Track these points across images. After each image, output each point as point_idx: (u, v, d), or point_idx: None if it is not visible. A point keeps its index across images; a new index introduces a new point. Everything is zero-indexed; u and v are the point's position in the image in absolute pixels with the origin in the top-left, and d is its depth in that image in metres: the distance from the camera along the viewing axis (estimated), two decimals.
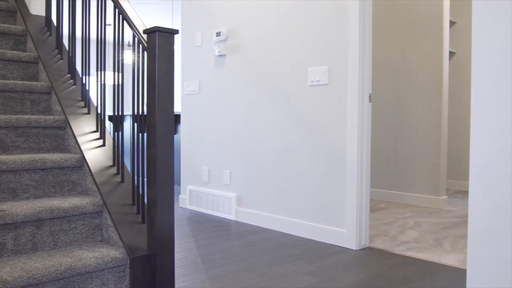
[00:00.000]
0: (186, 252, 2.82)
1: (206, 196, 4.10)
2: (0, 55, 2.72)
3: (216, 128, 4.03)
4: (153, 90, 1.90)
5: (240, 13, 3.78)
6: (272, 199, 3.52)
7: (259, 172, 3.62)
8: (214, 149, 4.05)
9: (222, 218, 3.87)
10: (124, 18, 2.18)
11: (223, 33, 3.88)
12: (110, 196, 2.15)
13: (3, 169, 2.07)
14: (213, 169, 4.05)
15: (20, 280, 1.68)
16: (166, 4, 7.23)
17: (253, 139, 3.68)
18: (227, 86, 3.91)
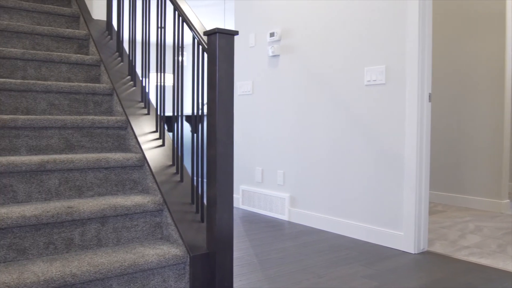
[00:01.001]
0: (242, 251, 2.84)
1: (259, 196, 4.11)
2: (65, 58, 2.84)
3: (270, 129, 4.04)
4: (214, 91, 1.93)
5: (294, 13, 3.77)
6: (326, 200, 3.49)
7: (314, 173, 3.60)
8: (267, 149, 4.06)
9: (275, 218, 3.87)
10: (184, 20, 2.22)
11: (276, 34, 3.89)
12: (170, 194, 2.19)
13: (70, 168, 2.16)
14: (267, 169, 4.06)
15: (87, 274, 1.75)
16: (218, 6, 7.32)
17: (307, 140, 3.66)
18: (281, 86, 3.91)
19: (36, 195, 2.10)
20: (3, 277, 1.64)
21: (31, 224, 1.85)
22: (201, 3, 7.17)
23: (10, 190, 2.03)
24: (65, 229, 1.95)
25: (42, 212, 1.87)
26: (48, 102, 2.57)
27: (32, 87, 2.50)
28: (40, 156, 2.18)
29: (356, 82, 3.26)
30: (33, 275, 1.67)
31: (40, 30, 3.00)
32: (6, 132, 2.23)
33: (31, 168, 2.05)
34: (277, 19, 3.94)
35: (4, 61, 2.67)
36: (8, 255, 1.83)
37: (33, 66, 2.76)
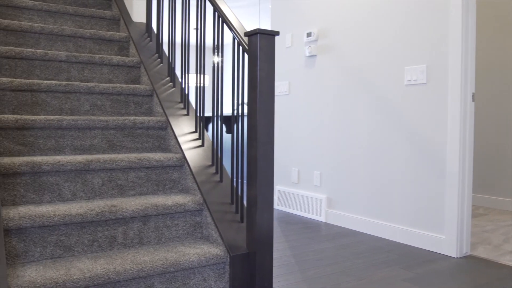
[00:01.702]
0: (279, 252, 2.84)
1: (295, 196, 4.10)
2: (107, 60, 2.90)
3: (306, 129, 4.01)
4: (255, 91, 1.93)
5: (332, 13, 3.73)
6: (364, 202, 3.44)
7: (351, 174, 3.56)
8: (304, 150, 4.04)
9: (312, 219, 3.84)
10: (224, 21, 2.23)
11: (314, 34, 3.86)
12: (210, 194, 2.21)
13: (113, 167, 2.21)
14: (303, 170, 4.04)
15: (131, 272, 1.78)
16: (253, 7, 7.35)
17: (345, 140, 3.62)
18: (318, 86, 3.88)
19: (81, 194, 2.15)
20: (51, 273, 1.69)
21: (77, 222, 1.90)
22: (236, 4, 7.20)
23: (56, 188, 2.09)
24: (109, 227, 2.00)
25: (87, 211, 1.92)
26: (91, 103, 2.63)
27: (76, 88, 2.57)
28: (84, 155, 2.24)
29: (396, 82, 3.20)
30: (79, 271, 1.72)
31: (83, 33, 3.08)
32: (52, 132, 2.30)
33: (76, 167, 2.11)
34: (314, 19, 3.91)
35: (50, 64, 2.75)
36: (55, 252, 1.88)
37: (76, 68, 2.83)
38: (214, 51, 2.35)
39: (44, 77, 2.73)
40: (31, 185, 2.04)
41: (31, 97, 2.47)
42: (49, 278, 1.64)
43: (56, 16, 3.27)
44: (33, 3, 3.17)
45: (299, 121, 4.10)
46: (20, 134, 2.23)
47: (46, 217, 1.83)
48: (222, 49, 2.26)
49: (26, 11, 3.17)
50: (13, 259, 1.80)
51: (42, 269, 1.74)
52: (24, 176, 2.03)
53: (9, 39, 2.87)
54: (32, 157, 2.12)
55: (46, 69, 2.74)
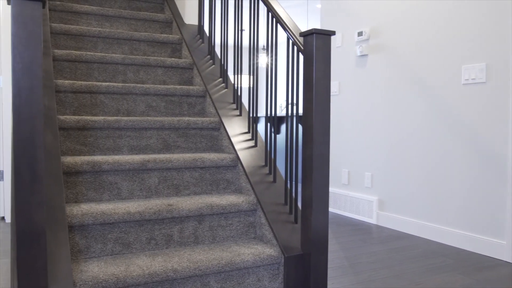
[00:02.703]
0: (332, 254, 2.80)
1: (345, 198, 4.05)
2: (161, 62, 2.96)
3: (357, 130, 3.96)
4: (310, 92, 1.92)
5: (384, 11, 3.66)
6: (418, 204, 3.35)
7: (404, 176, 3.47)
8: (354, 151, 3.99)
9: (362, 222, 3.78)
10: (277, 21, 2.23)
11: (365, 33, 3.80)
12: (263, 195, 2.21)
13: (169, 167, 2.25)
14: (353, 171, 3.99)
15: (187, 270, 1.81)
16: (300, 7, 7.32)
17: (397, 141, 3.54)
18: (369, 86, 3.81)
19: (138, 193, 2.20)
20: (112, 268, 1.74)
21: (135, 220, 1.95)
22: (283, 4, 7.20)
23: (115, 187, 2.15)
24: (165, 225, 2.03)
25: (145, 209, 1.96)
26: (147, 104, 2.70)
27: (132, 90, 2.63)
28: (141, 155, 2.29)
29: (452, 81, 3.10)
30: (138, 268, 1.76)
31: (138, 36, 3.16)
32: (111, 132, 2.37)
33: (134, 167, 2.16)
34: (366, 18, 3.85)
35: (107, 66, 2.84)
36: (115, 248, 1.93)
37: (132, 70, 2.91)
38: (268, 52, 2.35)
39: (102, 79, 2.82)
40: (92, 183, 2.11)
41: (90, 98, 2.56)
42: (111, 274, 1.69)
43: (112, 20, 3.37)
44: (91, 8, 3.28)
45: (349, 121, 4.05)
46: (81, 134, 2.31)
47: (107, 214, 1.89)
48: (276, 50, 2.26)
49: (84, 16, 3.29)
50: (76, 255, 1.87)
51: (104, 265, 1.79)
52: (85, 175, 2.10)
53: (69, 43, 2.98)
54: (93, 157, 2.19)
55: (104, 71, 2.82)
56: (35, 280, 1.44)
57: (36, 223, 1.43)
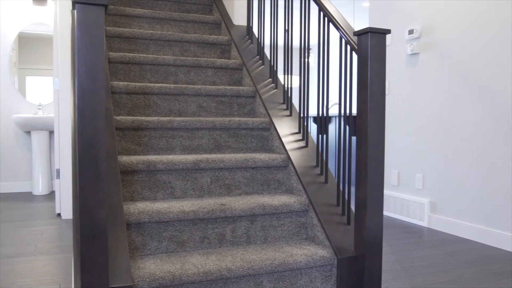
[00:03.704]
0: (383, 257, 2.75)
1: (395, 200, 3.96)
2: (211, 63, 3.00)
3: (407, 130, 3.87)
4: (365, 92, 1.89)
5: (438, 8, 3.56)
6: (474, 208, 3.24)
7: (458, 178, 3.37)
8: (404, 151, 3.90)
9: (413, 224, 3.69)
10: (330, 21, 2.21)
11: (416, 31, 3.71)
12: (315, 196, 2.20)
13: (221, 167, 2.27)
14: (403, 173, 3.90)
15: (241, 270, 1.82)
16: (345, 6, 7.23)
17: (450, 142, 3.43)
18: (421, 85, 3.72)
19: (191, 192, 2.24)
20: (168, 266, 1.78)
21: (189, 219, 1.98)
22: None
23: (169, 186, 2.20)
24: (218, 225, 2.06)
25: (198, 208, 1.99)
26: (198, 105, 2.73)
27: (184, 90, 2.68)
28: (194, 155, 2.33)
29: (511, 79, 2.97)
30: (193, 266, 1.78)
31: (188, 38, 3.21)
32: (164, 132, 2.42)
33: (187, 166, 2.20)
34: (417, 15, 3.76)
35: (159, 68, 2.90)
36: (169, 246, 1.97)
37: (183, 71, 2.96)
38: (319, 52, 2.33)
39: (154, 80, 2.88)
40: (147, 182, 2.16)
41: (144, 99, 2.62)
42: (167, 271, 1.72)
43: (162, 22, 3.44)
44: (143, 11, 3.36)
45: (399, 122, 3.96)
46: (135, 134, 2.37)
47: (162, 213, 1.93)
48: (328, 49, 2.24)
49: (136, 19, 3.37)
50: (133, 252, 1.91)
51: (159, 262, 1.83)
52: (141, 174, 2.15)
53: (123, 46, 3.06)
54: (147, 156, 2.24)
55: (156, 72, 2.89)
56: (97, 275, 1.48)
57: (98, 220, 1.48)
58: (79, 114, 1.45)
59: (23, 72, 5.31)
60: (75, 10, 1.46)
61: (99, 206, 1.48)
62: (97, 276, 1.49)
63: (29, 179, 5.34)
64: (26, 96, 5.33)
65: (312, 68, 10.33)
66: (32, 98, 5.35)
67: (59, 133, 3.90)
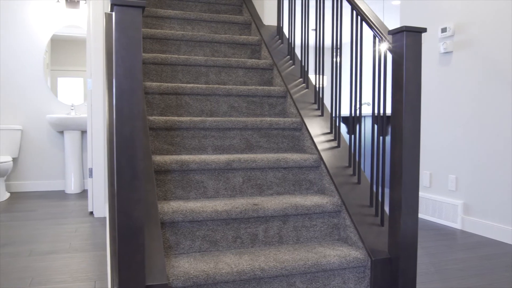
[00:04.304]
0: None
1: (426, 201, 3.90)
2: (242, 63, 3.01)
3: (440, 130, 3.80)
4: (400, 91, 1.86)
5: (470, 5, 3.49)
6: (509, 210, 3.16)
7: (493, 179, 3.29)
8: (436, 152, 3.83)
9: (445, 226, 3.62)
10: (363, 19, 2.19)
11: (449, 29, 3.64)
12: (348, 196, 2.18)
13: (253, 167, 2.28)
14: (435, 173, 3.83)
15: (274, 270, 1.82)
16: (376, 4, 7.15)
17: (486, 142, 3.35)
18: (454, 85, 3.65)
19: (223, 192, 2.25)
20: (202, 265, 1.79)
21: (222, 218, 1.99)
22: None
23: (202, 186, 2.21)
24: (251, 225, 2.06)
25: (231, 208, 2.00)
26: (229, 105, 2.75)
27: (215, 91, 2.70)
28: (226, 155, 2.34)
29: None
30: (227, 265, 1.79)
31: (219, 38, 3.23)
32: (196, 132, 2.44)
33: (219, 166, 2.21)
34: (450, 13, 3.69)
35: (190, 68, 2.92)
36: (202, 246, 1.99)
37: (214, 72, 2.97)
38: (352, 51, 2.31)
39: (185, 81, 2.91)
40: (180, 182, 2.18)
41: (176, 99, 2.65)
42: (201, 270, 1.73)
43: (193, 23, 3.47)
44: (174, 12, 3.40)
45: (431, 121, 3.89)
46: (168, 134, 2.40)
47: (195, 212, 1.94)
48: (361, 48, 2.22)
49: (167, 20, 3.41)
50: (167, 250, 1.94)
51: (193, 261, 1.85)
52: (174, 174, 2.17)
53: (155, 47, 3.10)
54: (180, 156, 2.26)
55: (187, 73, 2.91)
56: (134, 273, 1.51)
57: (136, 219, 1.50)
58: (117, 114, 1.48)
59: (55, 73, 5.43)
60: (113, 12, 1.49)
61: (136, 205, 1.50)
62: (134, 274, 1.51)
63: (62, 178, 5.46)
64: (58, 97, 5.45)
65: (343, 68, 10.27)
66: (64, 99, 5.47)
67: (91, 133, 3.97)
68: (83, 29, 5.49)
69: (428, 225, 3.65)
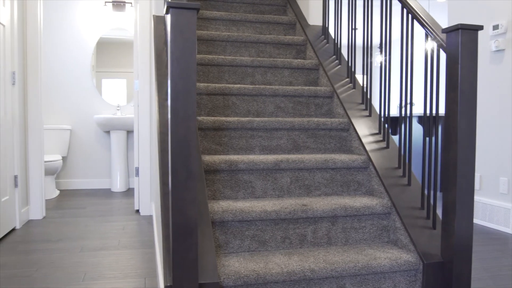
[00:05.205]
0: None
1: (476, 204, 3.78)
2: (288, 64, 3.00)
3: (490, 131, 3.67)
4: (455, 91, 1.81)
5: None
6: None
7: None
8: (486, 154, 3.71)
9: (496, 230, 3.50)
10: (414, 18, 2.14)
11: (501, 26, 3.52)
12: (398, 198, 2.14)
13: (300, 167, 2.27)
14: (486, 176, 3.71)
15: (324, 271, 1.81)
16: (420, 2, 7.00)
17: None
18: (506, 84, 3.52)
19: (271, 192, 2.25)
20: (252, 265, 1.80)
21: (271, 218, 1.99)
22: None
23: (250, 186, 2.22)
24: (299, 225, 2.06)
25: (280, 208, 2.00)
26: (275, 105, 2.75)
27: (262, 91, 2.70)
28: (274, 155, 2.34)
29: None
30: (276, 266, 1.79)
31: (264, 39, 3.23)
32: (244, 133, 2.45)
33: (267, 166, 2.22)
34: (502, 10, 3.56)
35: (236, 69, 2.94)
36: (251, 245, 2.00)
37: (260, 72, 2.98)
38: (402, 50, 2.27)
39: (232, 81, 2.93)
40: (228, 181, 2.20)
41: (223, 100, 2.67)
42: (251, 270, 1.74)
43: (238, 24, 3.49)
44: (219, 13, 3.43)
45: (480, 122, 3.77)
46: (216, 135, 2.42)
47: (245, 212, 1.96)
48: (412, 47, 2.18)
49: (213, 21, 3.44)
50: (217, 250, 1.96)
51: (243, 260, 1.86)
52: (222, 173, 2.19)
53: (201, 48, 3.14)
54: (229, 156, 2.28)
55: (233, 73, 2.93)
56: (188, 271, 1.53)
57: (190, 217, 1.52)
58: (172, 115, 1.50)
59: (100, 75, 5.59)
60: (169, 14, 1.51)
61: (191, 204, 1.52)
62: (188, 272, 1.53)
63: (107, 177, 5.62)
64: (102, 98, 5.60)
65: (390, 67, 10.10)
66: (108, 100, 5.61)
67: (138, 133, 4.06)
68: (127, 31, 5.62)
69: (478, 229, 3.54)
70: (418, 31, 8.32)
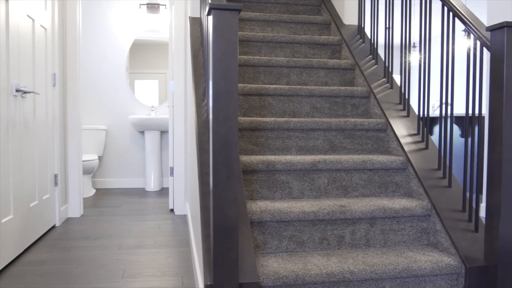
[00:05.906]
0: None
1: None
2: (323, 64, 2.99)
3: None
4: (500, 91, 1.77)
5: None
6: None
7: None
8: None
9: None
10: (456, 15, 2.10)
11: None
12: (438, 200, 2.10)
13: (338, 168, 2.26)
14: None
15: (363, 273, 1.79)
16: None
17: None
18: None
19: (308, 193, 2.25)
20: (290, 265, 1.80)
21: (309, 219, 1.99)
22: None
23: (287, 186, 2.22)
24: (337, 226, 2.04)
25: (318, 209, 1.99)
26: (311, 106, 2.74)
27: (298, 92, 2.70)
28: (311, 156, 2.33)
29: None
30: (315, 267, 1.79)
31: (299, 39, 3.23)
32: (280, 133, 2.45)
33: (304, 167, 2.21)
34: None
35: (272, 69, 2.95)
36: (289, 246, 1.99)
37: (295, 72, 2.98)
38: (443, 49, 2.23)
39: (267, 82, 2.94)
40: (265, 182, 2.21)
41: (259, 100, 2.68)
42: (290, 270, 1.74)
43: (273, 24, 3.50)
44: (254, 14, 3.44)
45: None
46: (253, 135, 2.43)
47: (283, 212, 1.96)
48: (454, 46, 2.13)
49: (248, 22, 3.46)
50: (255, 250, 1.96)
51: (281, 261, 1.86)
52: (260, 174, 2.20)
53: None
54: (266, 156, 2.29)
55: (269, 74, 2.94)
56: (229, 270, 1.54)
57: (230, 217, 1.53)
58: (214, 115, 1.52)
59: (133, 76, 5.69)
60: (211, 16, 1.53)
61: (232, 204, 1.53)
62: (229, 271, 1.54)
63: (142, 176, 5.71)
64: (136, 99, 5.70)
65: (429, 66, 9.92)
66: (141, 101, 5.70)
67: (173, 133, 4.12)
68: (161, 33, 5.70)
69: None
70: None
